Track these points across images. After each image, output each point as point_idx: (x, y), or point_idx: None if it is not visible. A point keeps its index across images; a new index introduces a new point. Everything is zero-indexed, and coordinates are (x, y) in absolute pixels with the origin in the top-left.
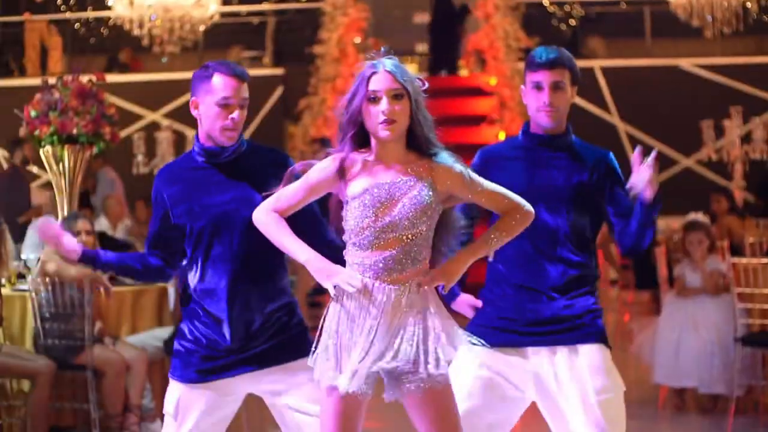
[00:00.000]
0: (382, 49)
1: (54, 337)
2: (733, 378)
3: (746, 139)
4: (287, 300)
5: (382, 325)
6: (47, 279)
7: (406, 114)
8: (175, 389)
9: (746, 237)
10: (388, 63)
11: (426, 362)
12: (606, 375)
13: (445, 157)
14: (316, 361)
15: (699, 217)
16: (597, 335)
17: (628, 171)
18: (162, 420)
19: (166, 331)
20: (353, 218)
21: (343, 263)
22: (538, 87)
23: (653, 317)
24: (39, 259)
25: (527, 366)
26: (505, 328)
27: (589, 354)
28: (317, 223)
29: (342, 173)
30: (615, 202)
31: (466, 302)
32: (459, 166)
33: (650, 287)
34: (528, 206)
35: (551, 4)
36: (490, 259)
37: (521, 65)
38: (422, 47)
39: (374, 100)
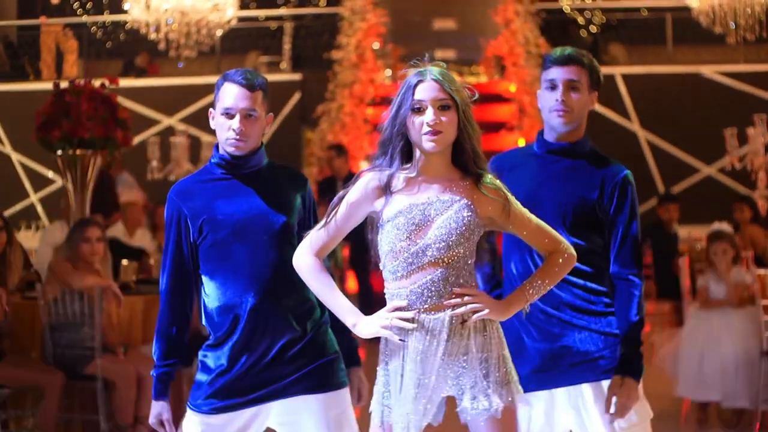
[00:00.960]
0: (426, 55)
1: (63, 346)
2: (758, 392)
3: None
4: (316, 322)
5: (434, 356)
6: (57, 287)
7: (453, 125)
8: (195, 422)
9: None
10: (435, 71)
11: (487, 394)
12: (633, 411)
13: (491, 181)
14: (380, 403)
15: (723, 226)
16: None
17: (648, 180)
18: None
19: None
20: (387, 242)
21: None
22: (551, 85)
23: (675, 329)
24: (48, 266)
25: (552, 407)
26: (528, 371)
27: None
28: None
29: (388, 190)
30: (610, 234)
31: None
32: (503, 194)
33: (671, 298)
34: (570, 249)
35: (572, 10)
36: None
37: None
38: (441, 53)
39: (419, 110)
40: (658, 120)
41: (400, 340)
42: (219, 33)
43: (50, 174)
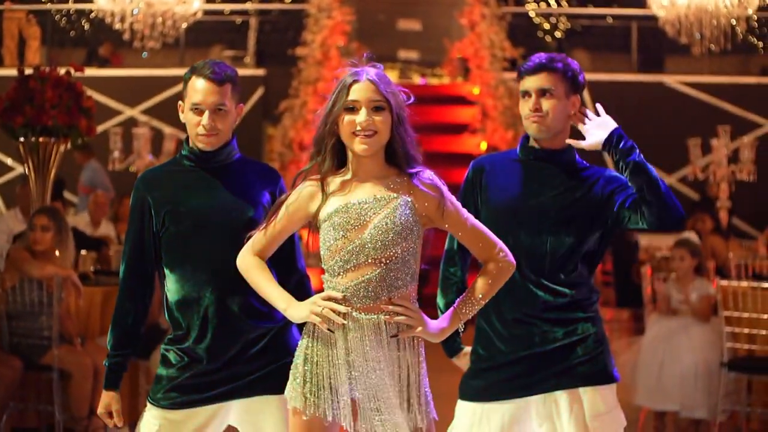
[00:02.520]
0: (365, 55)
1: (20, 335)
2: (717, 403)
3: (733, 159)
4: (277, 323)
5: (358, 357)
6: (16, 275)
7: (386, 127)
8: (153, 416)
9: (731, 258)
10: (371, 71)
11: (407, 407)
12: (609, 420)
13: (427, 177)
14: (292, 389)
15: (691, 235)
16: (599, 375)
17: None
18: (129, 426)
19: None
20: (325, 241)
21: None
22: (525, 94)
23: (634, 336)
24: (7, 255)
25: (528, 416)
26: (502, 379)
27: (592, 398)
28: (290, 251)
29: (323, 192)
30: (625, 195)
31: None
32: (438, 192)
33: (631, 305)
34: (509, 256)
35: (537, 15)
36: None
37: (505, 75)
38: (405, 54)
39: (352, 110)
40: (621, 127)
41: (328, 329)
42: (184, 25)
43: (9, 161)
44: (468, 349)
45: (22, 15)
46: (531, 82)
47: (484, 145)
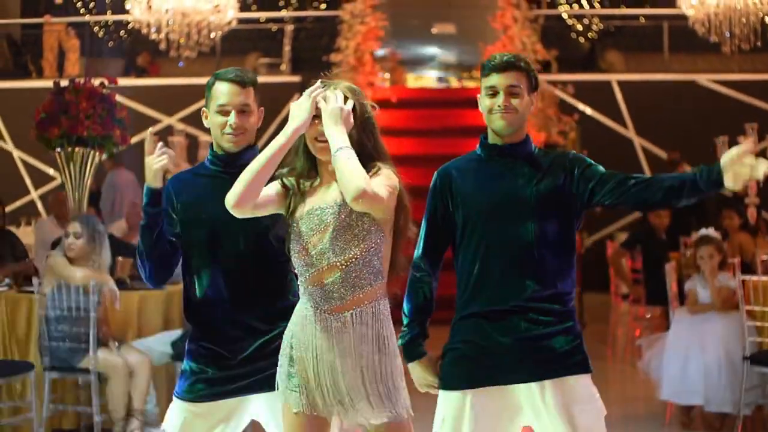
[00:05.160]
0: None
1: (58, 339)
2: (740, 397)
3: (761, 155)
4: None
5: (328, 357)
6: (54, 281)
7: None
8: (179, 408)
9: (758, 254)
10: (341, 84)
11: (380, 401)
12: (591, 408)
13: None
14: (280, 383)
15: (710, 232)
16: (582, 365)
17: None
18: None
19: (174, 335)
20: (292, 246)
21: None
22: (493, 92)
23: (663, 333)
24: (46, 260)
25: (512, 404)
26: (489, 365)
27: (576, 387)
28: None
29: (294, 194)
30: (594, 175)
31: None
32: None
33: (662, 303)
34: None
35: (570, 17)
36: None
37: (539, 77)
38: (440, 58)
39: (316, 117)
40: (652, 127)
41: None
42: (219, 34)
43: (51, 171)
44: (430, 355)
45: (61, 28)
46: (500, 80)
47: None
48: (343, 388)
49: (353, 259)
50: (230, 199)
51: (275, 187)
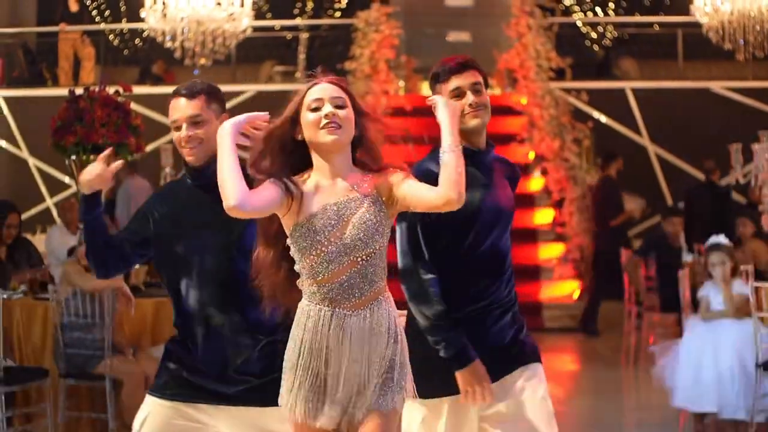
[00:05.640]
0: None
1: (74, 346)
2: (753, 404)
3: None
4: (268, 339)
5: (350, 358)
6: (69, 288)
7: (350, 122)
8: (148, 402)
9: None
10: (329, 77)
11: (390, 394)
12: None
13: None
14: (288, 400)
15: (721, 239)
16: (538, 354)
17: (657, 193)
18: None
19: None
20: (304, 245)
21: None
22: (459, 93)
23: (676, 340)
24: (62, 268)
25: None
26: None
27: (537, 371)
28: None
29: (298, 193)
30: None
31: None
32: (389, 171)
33: (675, 310)
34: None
35: (584, 24)
36: None
37: (552, 85)
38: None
39: (316, 108)
40: (667, 134)
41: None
42: (234, 42)
43: (66, 179)
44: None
45: (76, 36)
46: (463, 80)
47: (532, 155)
48: (355, 386)
49: (373, 253)
50: (225, 204)
51: (274, 187)
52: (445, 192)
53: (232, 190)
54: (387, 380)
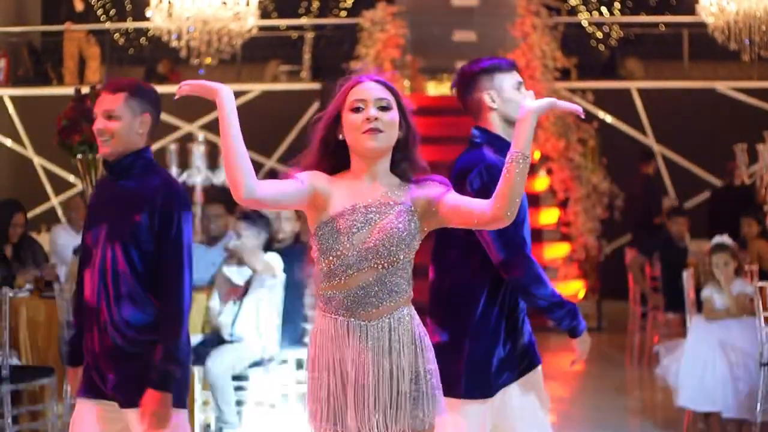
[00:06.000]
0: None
1: None
2: (757, 403)
3: None
4: (147, 338)
5: (372, 371)
6: (73, 286)
7: (394, 126)
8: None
9: None
10: (373, 74)
11: (421, 407)
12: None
13: (428, 180)
14: (310, 414)
15: (724, 239)
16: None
17: (663, 194)
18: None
19: (194, 340)
20: (325, 244)
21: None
22: (520, 87)
23: (681, 340)
24: (69, 267)
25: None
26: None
27: (539, 375)
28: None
29: (327, 190)
30: None
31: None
32: (432, 185)
33: (680, 310)
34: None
35: (590, 24)
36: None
37: (558, 85)
38: (460, 65)
39: (357, 109)
40: (672, 134)
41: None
42: (239, 42)
43: (71, 178)
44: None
45: (81, 35)
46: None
47: (537, 154)
48: (381, 401)
49: (396, 263)
50: (232, 192)
51: (295, 180)
52: (500, 207)
53: (236, 175)
54: (417, 396)
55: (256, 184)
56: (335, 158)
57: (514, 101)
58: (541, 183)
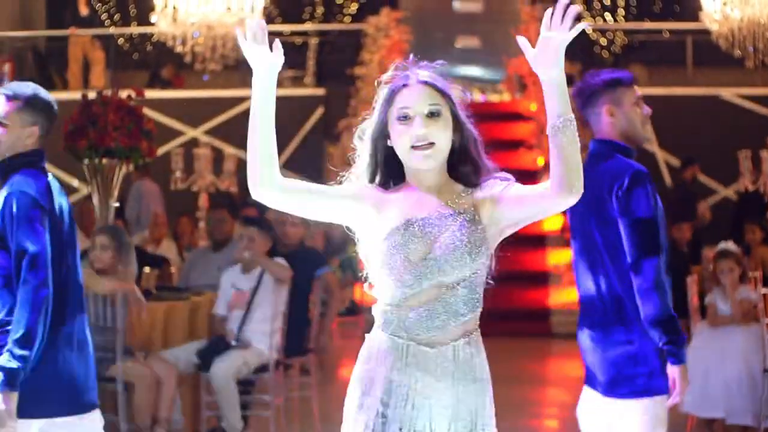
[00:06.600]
0: (411, 57)
1: None
2: (761, 409)
3: None
4: (58, 350)
5: (422, 396)
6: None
7: (446, 136)
8: None
9: None
10: (423, 74)
11: None
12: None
13: (491, 179)
14: None
15: (729, 245)
16: None
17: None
18: None
19: (199, 345)
20: (381, 262)
21: None
22: (638, 101)
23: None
24: None
25: None
26: None
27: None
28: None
29: (382, 202)
30: None
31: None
32: (494, 185)
33: (683, 316)
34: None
35: (594, 31)
36: None
37: None
38: (464, 71)
39: (405, 119)
40: (676, 141)
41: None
42: None
43: (75, 182)
44: None
45: (86, 40)
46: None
47: (541, 161)
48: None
49: (462, 281)
50: (249, 184)
51: (336, 189)
52: (569, 182)
53: (253, 168)
54: (481, 425)
55: (278, 176)
56: (390, 166)
57: (634, 118)
58: None
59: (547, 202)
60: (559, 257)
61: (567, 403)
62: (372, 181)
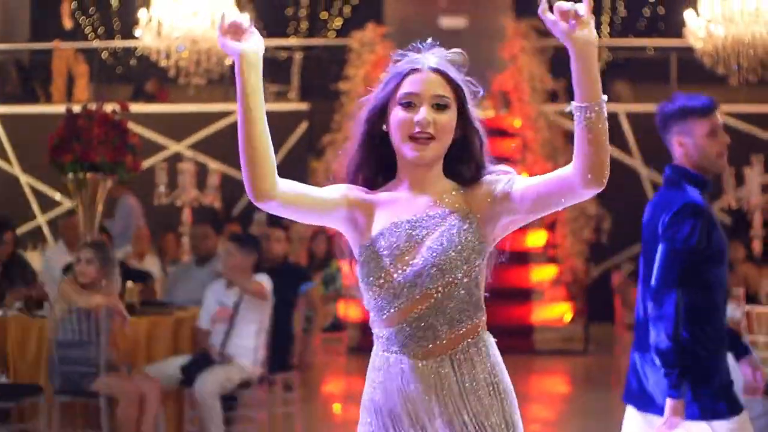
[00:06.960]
0: (429, 41)
1: (69, 363)
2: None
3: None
4: None
5: (436, 419)
6: (65, 305)
7: (448, 131)
8: None
9: (763, 286)
10: (433, 59)
11: None
12: None
13: (489, 173)
14: None
15: None
16: None
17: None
18: None
19: (183, 360)
20: (367, 273)
21: None
22: (713, 132)
23: None
24: (58, 286)
25: None
26: None
27: None
28: None
29: (367, 204)
30: None
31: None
32: (494, 179)
33: None
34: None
35: None
36: None
37: (546, 107)
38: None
39: (408, 105)
40: (659, 158)
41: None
42: (228, 61)
43: (57, 196)
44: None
45: (70, 53)
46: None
47: (525, 176)
48: None
49: (453, 284)
50: (247, 191)
51: (329, 191)
52: (592, 169)
53: (249, 172)
54: None
55: (277, 181)
56: (382, 155)
57: (706, 149)
58: None
59: (568, 189)
60: (542, 274)
61: (549, 420)
62: (359, 170)
